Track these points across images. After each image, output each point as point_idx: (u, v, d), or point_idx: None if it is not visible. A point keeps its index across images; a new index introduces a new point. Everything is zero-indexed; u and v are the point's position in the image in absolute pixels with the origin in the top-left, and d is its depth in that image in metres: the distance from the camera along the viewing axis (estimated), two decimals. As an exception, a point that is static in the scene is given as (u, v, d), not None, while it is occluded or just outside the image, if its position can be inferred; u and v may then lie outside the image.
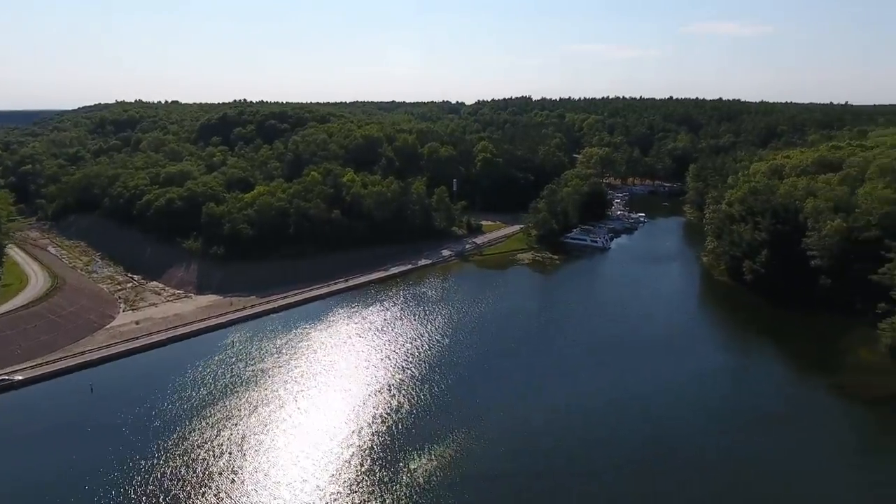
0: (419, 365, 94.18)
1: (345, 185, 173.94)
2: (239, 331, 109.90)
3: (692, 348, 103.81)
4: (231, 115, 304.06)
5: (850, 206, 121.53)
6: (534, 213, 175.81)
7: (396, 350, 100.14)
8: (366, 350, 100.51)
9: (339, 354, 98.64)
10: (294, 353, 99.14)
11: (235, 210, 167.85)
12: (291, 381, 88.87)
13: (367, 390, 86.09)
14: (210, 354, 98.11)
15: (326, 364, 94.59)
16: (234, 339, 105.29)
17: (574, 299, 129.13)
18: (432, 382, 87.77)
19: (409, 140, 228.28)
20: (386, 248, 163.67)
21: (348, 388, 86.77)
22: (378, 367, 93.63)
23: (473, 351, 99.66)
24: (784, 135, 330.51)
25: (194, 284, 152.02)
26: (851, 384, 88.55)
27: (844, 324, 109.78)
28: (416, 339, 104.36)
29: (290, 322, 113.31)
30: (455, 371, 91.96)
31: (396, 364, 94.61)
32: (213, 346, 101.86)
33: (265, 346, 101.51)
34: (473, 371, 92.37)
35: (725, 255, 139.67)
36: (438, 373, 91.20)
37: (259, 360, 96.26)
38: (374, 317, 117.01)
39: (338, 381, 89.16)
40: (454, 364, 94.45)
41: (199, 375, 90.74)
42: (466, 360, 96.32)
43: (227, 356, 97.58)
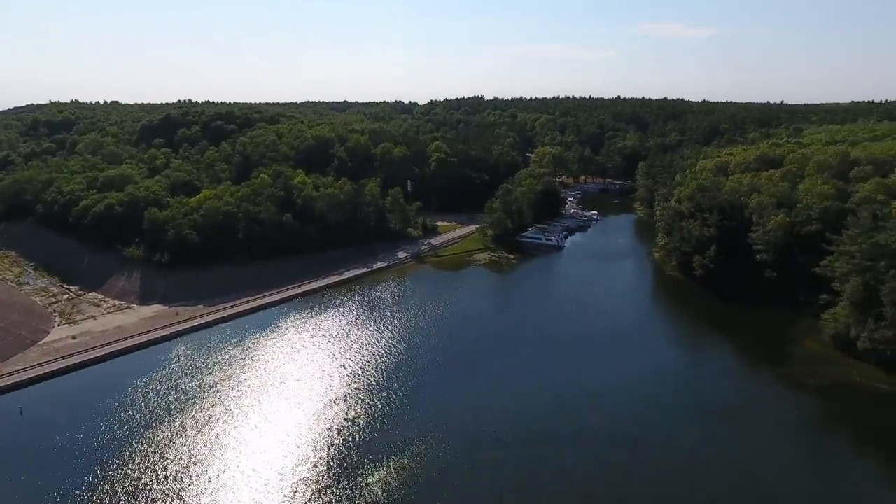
0: (376, 372, 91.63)
1: (296, 187, 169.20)
2: (184, 343, 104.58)
3: (647, 344, 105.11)
4: (175, 115, 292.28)
5: (791, 202, 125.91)
6: (489, 212, 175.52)
7: (352, 358, 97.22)
8: (320, 359, 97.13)
9: (291, 365, 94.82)
10: (244, 365, 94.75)
11: (180, 215, 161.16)
12: (241, 395, 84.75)
13: (321, 402, 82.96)
14: (153, 370, 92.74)
15: (278, 376, 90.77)
16: (180, 353, 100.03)
17: (530, 299, 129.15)
18: (390, 390, 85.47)
19: (361, 140, 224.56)
20: (340, 251, 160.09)
21: (302, 400, 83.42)
22: (333, 377, 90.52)
23: (431, 355, 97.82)
24: (726, 133, 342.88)
25: (137, 294, 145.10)
26: (799, 373, 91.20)
27: (790, 315, 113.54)
28: (373, 346, 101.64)
29: (239, 332, 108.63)
30: (413, 377, 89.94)
31: (352, 372, 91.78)
32: (156, 361, 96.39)
33: (213, 359, 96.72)
34: (431, 376, 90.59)
35: (676, 251, 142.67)
36: (396, 379, 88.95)
37: (206, 373, 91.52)
38: (329, 323, 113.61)
39: (291, 393, 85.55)
40: (412, 370, 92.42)
41: (140, 393, 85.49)
42: (424, 364, 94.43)
43: (172, 371, 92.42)
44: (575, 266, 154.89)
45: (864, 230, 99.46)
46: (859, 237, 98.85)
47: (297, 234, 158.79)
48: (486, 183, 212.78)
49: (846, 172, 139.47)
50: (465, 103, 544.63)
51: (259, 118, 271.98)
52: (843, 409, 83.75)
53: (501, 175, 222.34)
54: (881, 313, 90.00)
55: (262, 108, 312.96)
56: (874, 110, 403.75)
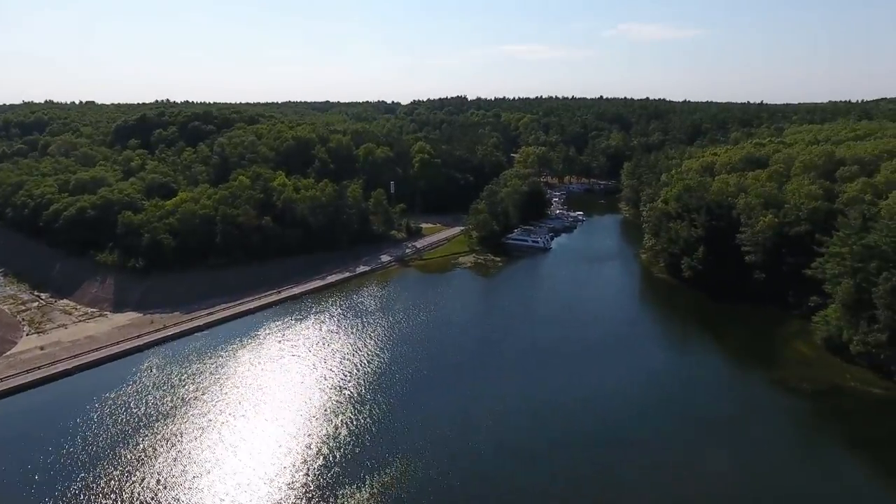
0: (358, 384, 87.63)
1: (276, 189, 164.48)
2: (158, 354, 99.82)
3: (636, 348, 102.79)
4: (151, 115, 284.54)
5: (779, 202, 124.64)
6: (474, 214, 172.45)
7: (333, 369, 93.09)
8: (299, 370, 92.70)
9: (269, 377, 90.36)
10: (219, 377, 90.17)
11: (155, 219, 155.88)
12: (216, 410, 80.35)
13: (301, 417, 78.79)
14: (123, 383, 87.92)
15: (255, 388, 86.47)
16: (152, 364, 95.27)
17: (517, 303, 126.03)
18: (373, 403, 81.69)
19: (343, 141, 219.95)
20: (322, 255, 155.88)
21: (279, 416, 79.11)
22: (313, 390, 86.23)
23: (416, 365, 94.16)
24: (709, 132, 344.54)
25: (110, 301, 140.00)
26: (791, 378, 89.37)
27: (779, 317, 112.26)
28: (355, 355, 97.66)
29: (215, 341, 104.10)
30: (396, 388, 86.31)
31: (333, 385, 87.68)
32: (126, 374, 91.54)
33: (187, 371, 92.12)
34: (416, 387, 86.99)
35: (664, 253, 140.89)
36: (379, 391, 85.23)
37: (179, 387, 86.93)
38: (309, 331, 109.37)
39: (268, 408, 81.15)
40: (395, 380, 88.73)
41: (108, 410, 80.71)
42: (408, 375, 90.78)
43: (143, 385, 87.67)
44: (562, 268, 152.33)
45: (854, 231, 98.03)
46: (849, 238, 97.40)
47: (277, 237, 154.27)
48: (470, 184, 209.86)
49: (832, 172, 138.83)
50: (449, 103, 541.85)
51: (238, 118, 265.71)
52: (837, 414, 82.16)
53: (486, 176, 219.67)
54: (874, 316, 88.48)
55: (242, 109, 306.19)
56: (852, 110, 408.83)
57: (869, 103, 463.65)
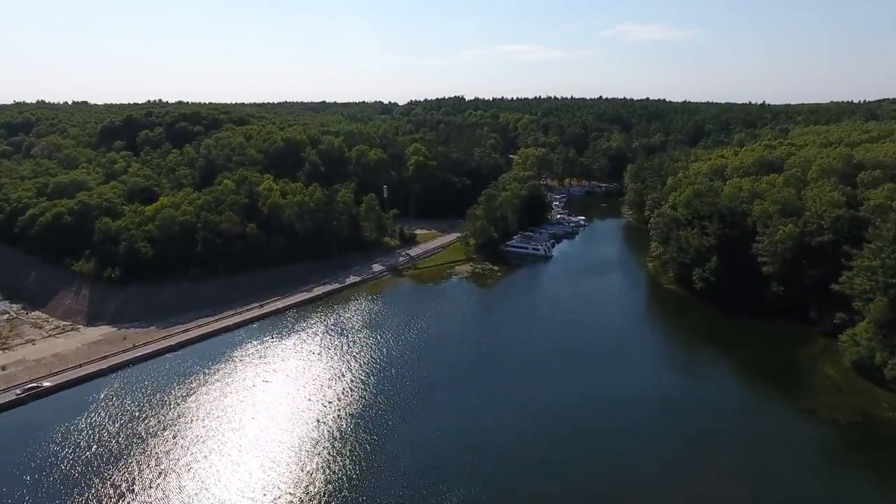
0: (339, 417, 78.33)
1: (261, 194, 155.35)
2: (122, 379, 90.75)
3: (645, 370, 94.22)
4: (137, 116, 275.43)
5: (798, 209, 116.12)
6: (471, 220, 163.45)
7: (311, 398, 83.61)
8: (273, 402, 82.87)
9: (239, 410, 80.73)
10: (184, 409, 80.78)
11: (134, 225, 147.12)
12: (176, 450, 71.14)
13: (271, 460, 69.09)
14: (77, 415, 78.81)
15: (223, 424, 77.02)
16: (113, 392, 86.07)
17: (518, 318, 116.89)
18: (354, 441, 72.38)
19: (335, 143, 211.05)
20: (309, 264, 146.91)
21: (248, 458, 69.49)
22: (287, 425, 76.49)
23: (405, 392, 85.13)
24: (712, 133, 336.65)
25: (84, 314, 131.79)
26: (821, 407, 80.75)
27: (800, 334, 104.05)
28: (337, 382, 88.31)
29: (186, 364, 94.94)
30: (382, 422, 77.08)
31: (312, 417, 78.46)
32: (83, 403, 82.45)
33: (149, 402, 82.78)
34: (404, 418, 78.04)
35: (673, 262, 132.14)
36: (362, 426, 75.83)
37: (138, 420, 77.67)
38: (289, 353, 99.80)
39: (236, 448, 71.59)
40: (381, 412, 79.47)
41: (55, 448, 71.60)
42: (397, 404, 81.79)
43: (98, 417, 78.44)
44: (564, 279, 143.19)
45: (887, 243, 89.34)
46: (882, 251, 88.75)
47: (262, 245, 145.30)
48: (468, 187, 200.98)
49: (852, 176, 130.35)
50: (446, 103, 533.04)
51: (227, 119, 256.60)
52: (874, 448, 73.12)
53: (484, 179, 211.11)
54: (912, 338, 79.99)
55: (231, 109, 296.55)
56: (856, 110, 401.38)
57: (872, 104, 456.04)
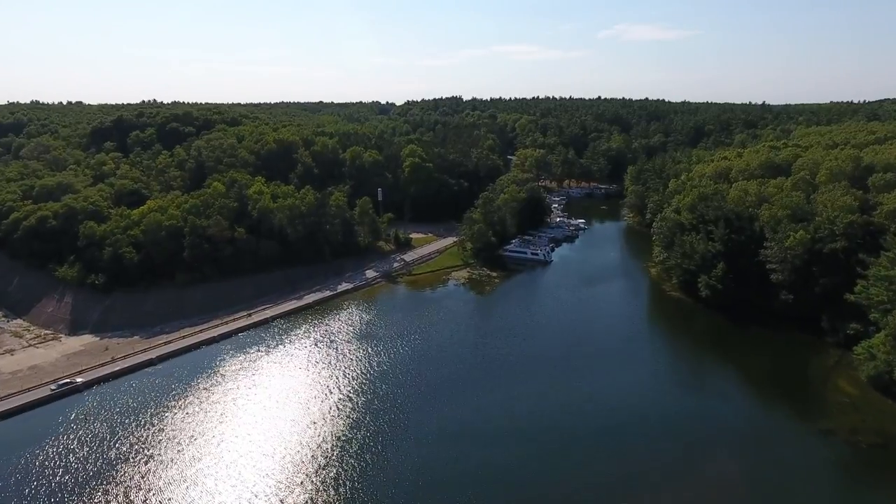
0: (325, 441, 72.99)
1: (251, 197, 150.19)
2: (98, 395, 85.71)
3: (650, 385, 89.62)
4: (128, 116, 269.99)
5: (808, 214, 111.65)
6: (468, 223, 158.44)
7: (296, 419, 77.94)
8: (254, 424, 76.98)
9: (217, 433, 74.92)
10: (159, 431, 75.27)
11: (119, 230, 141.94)
12: (147, 478, 65.72)
13: (251, 491, 63.35)
14: (46, 437, 73.73)
15: (202, 446, 71.81)
16: (88, 409, 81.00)
17: (517, 328, 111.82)
18: (339, 469, 67.06)
19: (329, 144, 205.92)
20: (301, 270, 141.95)
21: (224, 489, 64.07)
22: (269, 449, 70.75)
23: (396, 411, 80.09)
24: (712, 134, 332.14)
25: (67, 322, 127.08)
26: (840, 428, 76.07)
27: (811, 345, 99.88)
28: (323, 401, 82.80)
29: (166, 380, 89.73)
30: (369, 447, 71.68)
31: (294, 442, 72.67)
32: (54, 423, 77.30)
33: (123, 423, 77.43)
34: (394, 443, 72.97)
35: (677, 268, 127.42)
36: (349, 452, 70.49)
37: (109, 445, 72.30)
38: (275, 368, 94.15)
39: (210, 478, 65.65)
40: (369, 436, 73.99)
41: (16, 478, 66.02)
42: (386, 425, 76.65)
43: (68, 441, 73.24)
44: (564, 285, 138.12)
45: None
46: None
47: (251, 251, 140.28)
48: (465, 190, 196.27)
49: (861, 179, 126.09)
50: (444, 104, 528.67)
51: (219, 120, 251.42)
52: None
53: (482, 180, 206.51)
54: (936, 353, 75.44)
55: (224, 109, 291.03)
56: (858, 111, 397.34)
57: (873, 104, 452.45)
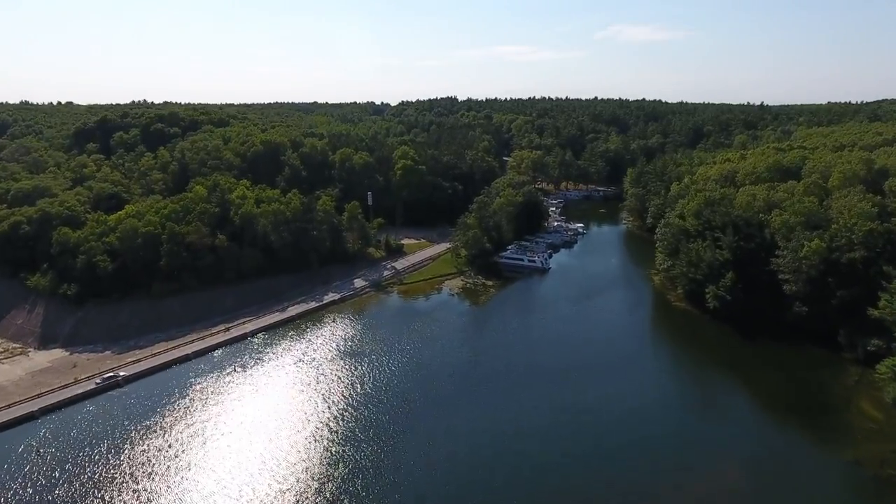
0: (299, 482, 65.33)
1: (233, 202, 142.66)
2: (55, 423, 78.48)
3: (656, 404, 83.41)
4: (112, 117, 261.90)
5: (822, 221, 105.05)
6: (462, 229, 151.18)
7: (266, 455, 70.30)
8: (222, 459, 69.60)
9: (178, 470, 67.56)
10: (116, 467, 67.61)
11: (94, 236, 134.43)
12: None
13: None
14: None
15: (162, 487, 64.33)
16: (40, 440, 73.38)
17: (513, 343, 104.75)
18: None
19: (318, 146, 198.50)
20: (286, 278, 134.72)
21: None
22: (236, 492, 63.37)
23: (380, 441, 72.96)
24: (711, 135, 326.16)
25: (37, 335, 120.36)
26: (869, 459, 69.48)
27: (828, 361, 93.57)
28: (301, 431, 75.34)
29: (130, 405, 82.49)
30: (349, 490, 64.19)
31: (265, 484, 65.20)
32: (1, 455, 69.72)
33: (77, 457, 69.96)
34: (375, 480, 65.80)
35: (682, 277, 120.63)
36: (324, 496, 63.08)
37: (59, 482, 64.96)
38: (248, 392, 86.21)
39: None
40: (349, 476, 66.50)
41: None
42: (369, 462, 69.32)
43: (11, 477, 65.52)
44: (563, 295, 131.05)
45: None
46: (929, 272, 77.66)
47: (233, 259, 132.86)
48: (459, 193, 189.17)
49: (876, 183, 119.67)
50: (438, 104, 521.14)
51: (206, 120, 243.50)
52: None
53: (476, 184, 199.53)
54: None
55: (211, 110, 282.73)
56: (858, 111, 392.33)
57: (871, 104, 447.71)
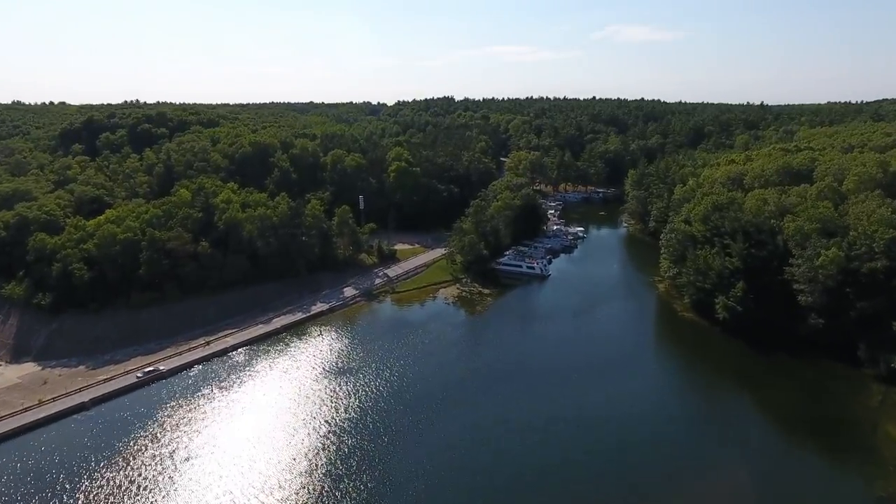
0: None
1: (218, 207, 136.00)
2: (10, 451, 71.49)
3: (663, 426, 77.25)
4: (99, 117, 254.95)
5: (840, 228, 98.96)
6: (458, 234, 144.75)
7: (236, 498, 63.32)
8: (191, 495, 63.11)
9: None
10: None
11: (72, 243, 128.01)
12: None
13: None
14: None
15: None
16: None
17: (510, 359, 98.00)
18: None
19: (309, 147, 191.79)
20: (273, 287, 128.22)
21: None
22: None
23: (363, 478, 66.35)
24: (713, 135, 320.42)
25: (9, 348, 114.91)
26: (901, 492, 63.01)
27: (848, 377, 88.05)
28: (276, 465, 68.45)
29: (95, 430, 75.81)
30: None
31: None
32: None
33: (27, 494, 63.06)
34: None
35: (690, 286, 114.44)
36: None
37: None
38: (224, 417, 79.45)
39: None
40: None
41: None
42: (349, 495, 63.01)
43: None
44: (563, 304, 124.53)
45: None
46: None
47: (216, 266, 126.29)
48: (455, 196, 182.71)
49: (894, 187, 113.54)
50: (435, 104, 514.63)
51: (195, 121, 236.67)
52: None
53: (473, 186, 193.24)
54: None
55: (201, 110, 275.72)
56: (860, 111, 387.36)
57: (872, 104, 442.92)
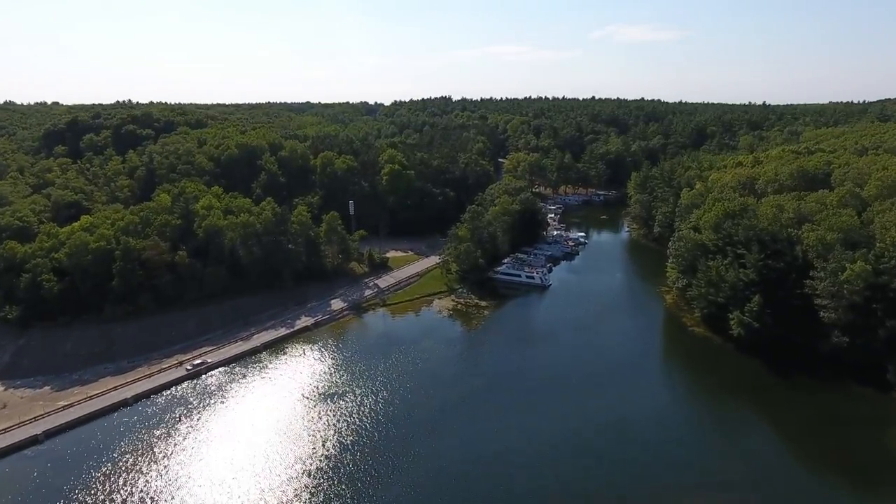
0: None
1: (198, 213, 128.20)
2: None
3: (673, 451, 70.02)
4: (84, 118, 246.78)
5: (864, 238, 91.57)
6: (454, 242, 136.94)
7: None
8: None
9: None
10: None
11: (43, 251, 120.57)
12: None
13: None
14: None
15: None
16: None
17: (507, 381, 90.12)
18: None
19: (298, 149, 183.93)
20: (255, 299, 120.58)
21: None
22: None
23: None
24: (716, 136, 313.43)
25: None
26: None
27: (878, 402, 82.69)
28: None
29: (49, 465, 67.98)
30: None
31: None
32: None
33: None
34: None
35: (701, 299, 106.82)
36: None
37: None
38: (189, 453, 71.62)
39: None
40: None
41: None
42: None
43: None
44: (565, 318, 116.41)
45: None
46: None
47: (195, 277, 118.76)
48: (451, 200, 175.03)
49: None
50: (432, 104, 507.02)
51: (183, 121, 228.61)
52: None
53: (470, 189, 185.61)
54: None
55: (189, 110, 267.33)
56: (864, 111, 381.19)
57: (874, 104, 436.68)
